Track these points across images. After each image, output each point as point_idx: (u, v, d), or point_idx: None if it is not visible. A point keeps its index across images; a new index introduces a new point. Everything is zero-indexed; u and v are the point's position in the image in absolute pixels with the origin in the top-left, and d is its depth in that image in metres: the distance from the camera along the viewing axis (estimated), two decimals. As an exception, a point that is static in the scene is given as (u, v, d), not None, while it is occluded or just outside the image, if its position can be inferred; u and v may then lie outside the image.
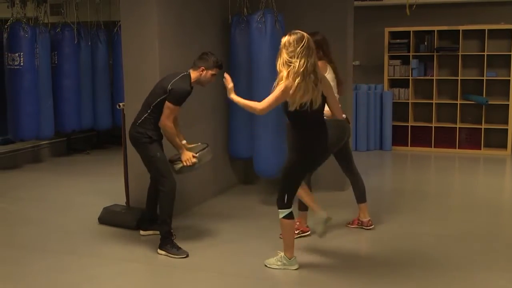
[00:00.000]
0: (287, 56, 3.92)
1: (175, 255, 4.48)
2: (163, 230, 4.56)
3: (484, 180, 7.55)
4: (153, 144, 4.62)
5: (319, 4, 6.35)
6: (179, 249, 4.52)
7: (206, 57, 4.65)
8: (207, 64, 4.63)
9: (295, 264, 4.20)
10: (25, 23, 7.51)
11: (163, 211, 4.59)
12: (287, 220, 4.12)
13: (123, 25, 5.45)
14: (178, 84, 4.53)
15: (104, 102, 9.06)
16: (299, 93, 3.88)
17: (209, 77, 4.66)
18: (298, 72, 3.86)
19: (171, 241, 4.57)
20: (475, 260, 4.43)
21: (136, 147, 4.71)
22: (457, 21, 8.92)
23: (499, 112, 8.86)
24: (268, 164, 5.76)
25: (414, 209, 5.86)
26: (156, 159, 4.60)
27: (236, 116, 6.22)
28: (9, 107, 7.64)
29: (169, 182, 4.57)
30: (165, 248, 4.53)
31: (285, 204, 4.10)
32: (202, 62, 4.64)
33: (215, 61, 4.65)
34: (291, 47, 3.91)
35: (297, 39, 3.93)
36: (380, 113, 9.17)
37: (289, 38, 3.95)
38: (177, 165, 4.71)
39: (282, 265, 4.20)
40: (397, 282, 4.02)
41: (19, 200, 6.37)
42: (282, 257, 4.20)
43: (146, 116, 4.61)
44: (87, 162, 8.59)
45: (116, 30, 8.64)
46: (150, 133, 4.60)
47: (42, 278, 4.16)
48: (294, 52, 3.89)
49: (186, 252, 4.50)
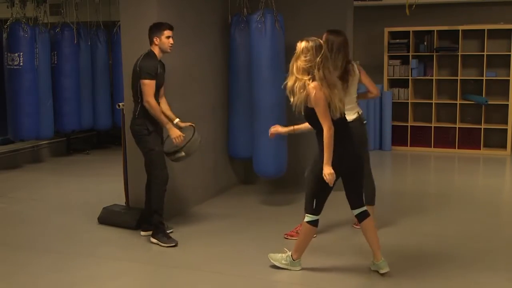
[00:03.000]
0: (304, 63, 3.89)
1: (165, 244, 4.69)
2: (155, 220, 4.77)
3: (484, 180, 7.56)
4: (151, 136, 4.75)
5: (319, 4, 6.35)
6: (169, 238, 4.74)
7: (153, 27, 4.79)
8: (156, 31, 4.75)
9: (299, 266, 4.19)
10: (24, 23, 7.50)
11: (154, 202, 4.78)
12: (309, 226, 4.08)
13: (123, 25, 5.45)
14: (144, 61, 4.73)
15: (104, 102, 9.06)
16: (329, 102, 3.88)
17: (165, 40, 4.76)
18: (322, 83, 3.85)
19: (163, 230, 4.77)
20: (475, 260, 4.43)
21: (136, 139, 4.87)
22: (457, 21, 8.93)
23: (498, 112, 8.87)
24: (268, 164, 5.76)
25: (413, 209, 5.85)
26: (154, 152, 4.76)
27: (235, 116, 6.22)
28: (9, 107, 7.64)
29: (162, 175, 4.76)
30: (157, 236, 4.74)
31: (313, 209, 4.04)
32: (152, 33, 4.78)
33: (162, 24, 4.77)
34: (309, 55, 3.89)
35: (316, 47, 3.91)
36: (379, 113, 9.18)
37: (306, 45, 3.92)
38: (177, 155, 4.80)
39: (285, 264, 4.19)
40: (397, 282, 4.02)
41: (19, 200, 6.37)
42: (288, 257, 4.19)
43: (139, 107, 4.75)
44: (87, 162, 8.59)
45: (115, 30, 8.64)
46: (148, 123, 4.73)
47: (42, 278, 4.15)
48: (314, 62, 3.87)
49: (175, 241, 4.70)
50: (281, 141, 5.71)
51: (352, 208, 4.17)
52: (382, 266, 4.09)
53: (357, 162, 4.08)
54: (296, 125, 4.42)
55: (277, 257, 4.24)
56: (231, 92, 6.28)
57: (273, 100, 5.61)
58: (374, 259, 4.13)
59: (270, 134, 4.50)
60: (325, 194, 4.05)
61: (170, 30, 4.78)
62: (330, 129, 3.87)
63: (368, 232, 4.13)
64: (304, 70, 3.90)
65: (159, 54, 4.79)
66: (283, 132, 4.54)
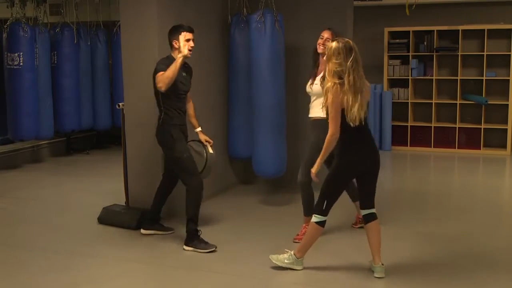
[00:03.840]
0: (335, 66, 3.84)
1: (203, 250, 4.56)
2: (190, 228, 4.64)
3: (484, 180, 7.56)
4: (178, 143, 4.65)
5: (318, 4, 6.35)
6: (207, 243, 4.61)
7: (172, 30, 4.69)
8: (175, 34, 4.64)
9: (301, 265, 4.19)
10: (24, 23, 7.50)
11: (190, 210, 4.65)
12: (317, 226, 4.06)
13: (123, 25, 5.45)
14: (157, 65, 4.61)
15: (104, 102, 9.06)
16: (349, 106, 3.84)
17: (185, 43, 4.62)
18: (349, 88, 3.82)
19: (198, 237, 4.64)
20: (475, 260, 4.43)
21: (162, 147, 4.77)
22: (457, 21, 8.93)
23: (498, 112, 8.87)
24: (268, 164, 5.76)
25: (413, 209, 5.86)
26: (183, 159, 4.65)
27: (235, 116, 6.22)
28: (9, 107, 7.64)
29: (196, 181, 4.65)
30: (193, 244, 4.60)
31: (323, 210, 4.03)
32: (171, 36, 4.69)
33: (181, 26, 4.66)
34: (339, 58, 3.83)
35: (347, 49, 3.85)
36: (379, 113, 9.18)
37: (337, 46, 3.85)
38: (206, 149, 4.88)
39: (288, 263, 4.17)
40: (397, 282, 4.02)
41: (19, 200, 6.37)
42: (291, 256, 4.18)
43: (163, 114, 4.67)
44: (86, 162, 8.59)
45: (115, 30, 8.64)
46: (172, 130, 4.65)
47: (42, 278, 4.15)
48: (344, 65, 3.83)
49: (214, 246, 4.59)
50: (281, 141, 5.72)
51: (361, 208, 4.19)
52: (378, 270, 4.09)
53: (374, 166, 4.09)
54: None
55: (278, 257, 4.23)
56: (230, 92, 6.28)
57: (272, 100, 5.61)
58: (373, 262, 4.13)
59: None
60: (335, 197, 4.06)
61: (190, 33, 4.63)
62: (333, 135, 3.87)
63: (372, 234, 4.13)
64: (335, 73, 3.85)
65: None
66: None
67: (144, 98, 5.31)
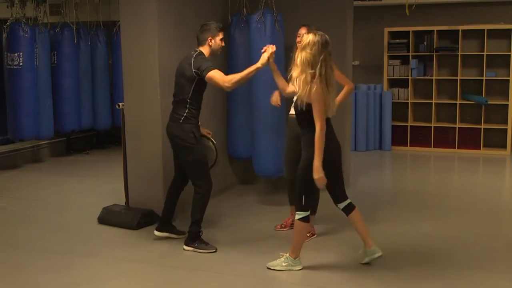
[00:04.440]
0: (310, 56, 3.87)
1: (203, 250, 4.57)
2: (194, 229, 4.62)
3: (484, 180, 7.56)
4: (197, 146, 4.56)
5: (318, 4, 6.34)
6: (208, 244, 4.62)
7: (208, 27, 4.61)
8: (212, 32, 4.58)
9: (299, 265, 4.19)
10: (24, 23, 7.50)
11: (198, 213, 4.62)
12: (302, 223, 4.09)
13: (123, 24, 5.45)
14: (199, 61, 4.47)
15: (104, 102, 9.06)
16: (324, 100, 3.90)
17: (219, 43, 4.61)
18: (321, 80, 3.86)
19: (199, 237, 4.64)
20: (475, 260, 4.43)
21: (181, 148, 4.61)
22: (457, 21, 8.93)
23: (498, 112, 8.87)
24: (267, 164, 5.77)
25: (413, 209, 5.86)
26: (199, 163, 4.58)
27: (235, 116, 6.22)
28: (9, 107, 7.64)
29: (206, 185, 4.60)
30: (193, 244, 4.60)
31: (302, 206, 4.05)
32: (206, 33, 4.59)
33: (217, 25, 4.62)
34: (314, 49, 3.87)
35: (323, 42, 3.89)
36: (379, 113, 9.18)
37: (313, 39, 3.89)
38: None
39: (286, 265, 4.17)
40: (397, 282, 4.02)
41: (19, 200, 6.37)
42: (287, 258, 4.18)
43: (186, 112, 4.55)
44: (86, 162, 8.59)
45: (115, 30, 8.64)
46: (195, 129, 4.57)
47: (42, 278, 4.15)
48: (317, 56, 3.86)
49: (214, 247, 4.59)
50: (281, 141, 5.71)
51: (337, 202, 4.20)
52: (375, 251, 4.17)
53: (339, 156, 4.13)
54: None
55: (276, 263, 4.22)
56: (230, 92, 6.26)
57: (272, 100, 5.61)
58: (366, 246, 4.17)
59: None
60: (312, 191, 4.09)
61: (224, 31, 4.65)
62: (322, 129, 3.88)
63: (357, 223, 4.20)
64: (308, 63, 3.88)
65: (208, 56, 4.59)
66: (270, 61, 4.30)
67: (144, 98, 5.31)
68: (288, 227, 5.11)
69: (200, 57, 4.51)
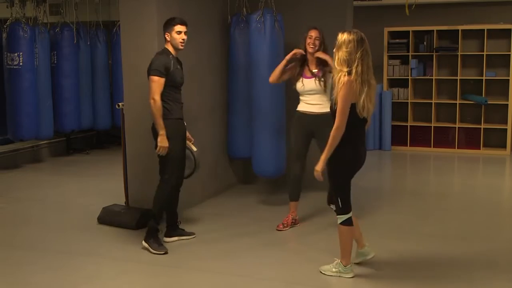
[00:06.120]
0: (346, 54, 3.78)
1: (154, 250, 4.56)
2: (152, 225, 4.62)
3: (484, 180, 7.56)
4: (171, 142, 4.54)
5: (318, 4, 6.35)
6: (160, 245, 4.60)
7: (165, 23, 4.68)
8: (167, 27, 4.64)
9: (351, 272, 4.04)
10: (24, 23, 7.50)
11: (157, 205, 4.64)
12: (344, 227, 3.97)
13: (122, 24, 5.45)
14: (152, 61, 4.59)
15: (104, 102, 9.06)
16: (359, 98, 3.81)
17: (176, 36, 4.61)
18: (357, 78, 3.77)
19: (156, 236, 4.63)
20: (475, 260, 4.43)
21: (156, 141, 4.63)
22: (457, 21, 8.93)
23: (498, 112, 8.87)
24: (267, 164, 5.76)
25: (413, 209, 5.86)
26: (171, 155, 4.57)
27: (235, 116, 6.22)
28: (9, 107, 7.64)
29: (175, 180, 4.64)
30: (149, 242, 4.61)
31: (341, 208, 3.96)
32: (164, 30, 4.67)
33: (171, 19, 4.65)
34: (350, 47, 3.78)
35: (358, 40, 3.80)
36: (379, 113, 9.18)
37: (348, 37, 3.80)
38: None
39: (337, 272, 4.05)
40: (397, 282, 4.02)
41: (19, 200, 6.37)
42: (338, 264, 4.06)
43: (164, 109, 4.56)
44: (86, 162, 8.59)
45: (115, 30, 8.64)
46: (173, 125, 4.58)
47: (42, 278, 4.15)
48: (353, 54, 3.77)
49: (165, 249, 4.57)
50: (281, 141, 5.72)
51: (331, 202, 4.12)
52: (368, 252, 4.18)
53: (361, 165, 4.07)
54: None
55: (327, 267, 4.11)
56: (230, 92, 6.28)
57: (272, 100, 5.61)
58: (358, 247, 4.16)
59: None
60: (347, 190, 3.99)
61: (182, 25, 4.62)
62: (339, 128, 3.79)
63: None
64: (344, 62, 3.80)
65: (173, 51, 4.64)
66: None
67: (144, 98, 5.29)
68: (289, 226, 5.11)
69: (156, 57, 4.61)
